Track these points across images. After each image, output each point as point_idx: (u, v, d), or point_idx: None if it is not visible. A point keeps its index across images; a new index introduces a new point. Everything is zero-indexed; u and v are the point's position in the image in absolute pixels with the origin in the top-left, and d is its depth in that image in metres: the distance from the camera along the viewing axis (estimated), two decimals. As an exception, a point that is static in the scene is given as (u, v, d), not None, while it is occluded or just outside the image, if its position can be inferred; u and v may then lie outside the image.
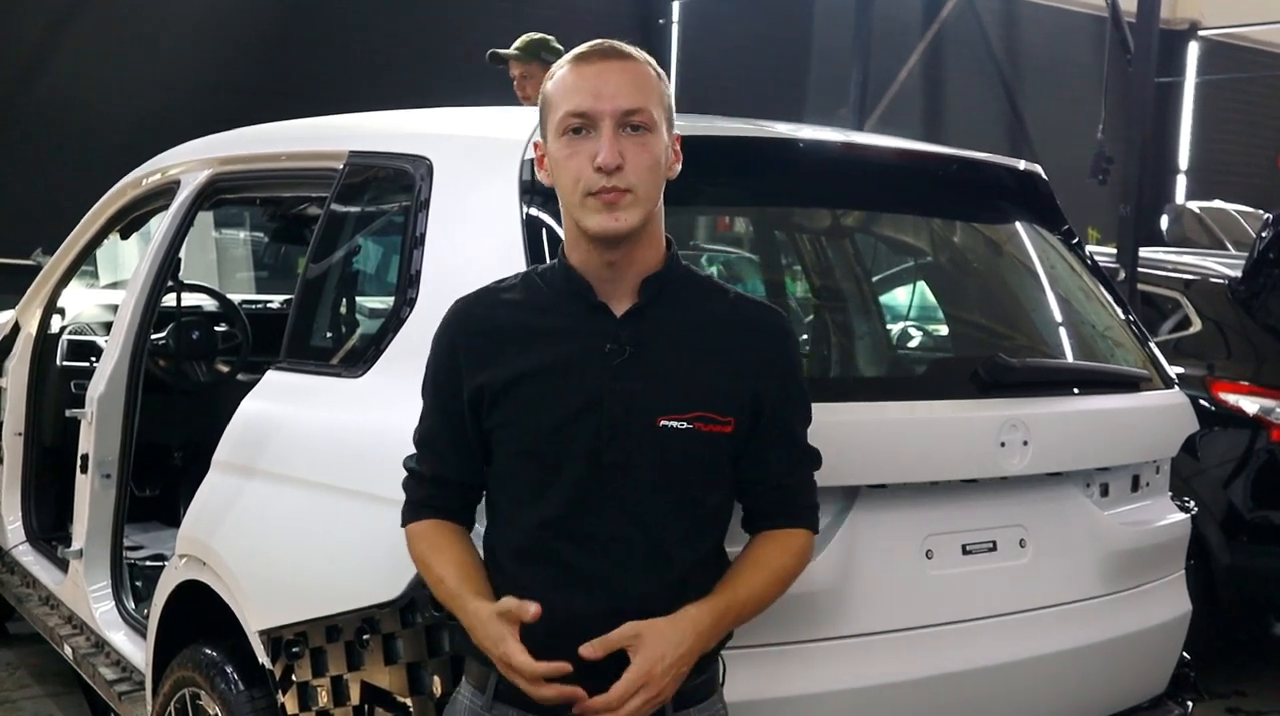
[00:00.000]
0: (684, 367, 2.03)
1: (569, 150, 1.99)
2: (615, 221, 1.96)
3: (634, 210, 1.97)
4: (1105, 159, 9.21)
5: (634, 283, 2.04)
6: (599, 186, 1.95)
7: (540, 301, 2.07)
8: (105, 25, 12.04)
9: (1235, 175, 18.95)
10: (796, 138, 2.99)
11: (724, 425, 2.02)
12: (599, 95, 1.97)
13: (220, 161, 3.71)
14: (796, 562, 2.13)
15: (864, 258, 3.53)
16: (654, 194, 2.01)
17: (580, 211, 1.98)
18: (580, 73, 2.00)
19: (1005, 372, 2.74)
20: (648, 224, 2.01)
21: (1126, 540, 2.95)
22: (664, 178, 2.03)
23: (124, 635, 3.79)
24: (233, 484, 3.01)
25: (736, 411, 2.04)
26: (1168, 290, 6.04)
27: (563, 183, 2.01)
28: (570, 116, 1.98)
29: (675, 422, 2.00)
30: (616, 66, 2.00)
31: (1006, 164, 3.21)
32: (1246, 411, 5.34)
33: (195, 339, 4.94)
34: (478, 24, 13.23)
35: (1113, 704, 3.00)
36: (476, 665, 2.09)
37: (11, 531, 4.73)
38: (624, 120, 1.97)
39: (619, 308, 2.04)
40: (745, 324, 2.11)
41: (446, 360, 2.10)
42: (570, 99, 1.99)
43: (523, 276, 2.14)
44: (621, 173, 1.95)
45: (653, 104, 2.00)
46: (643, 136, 1.98)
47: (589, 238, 2.00)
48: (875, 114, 15.56)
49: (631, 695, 1.92)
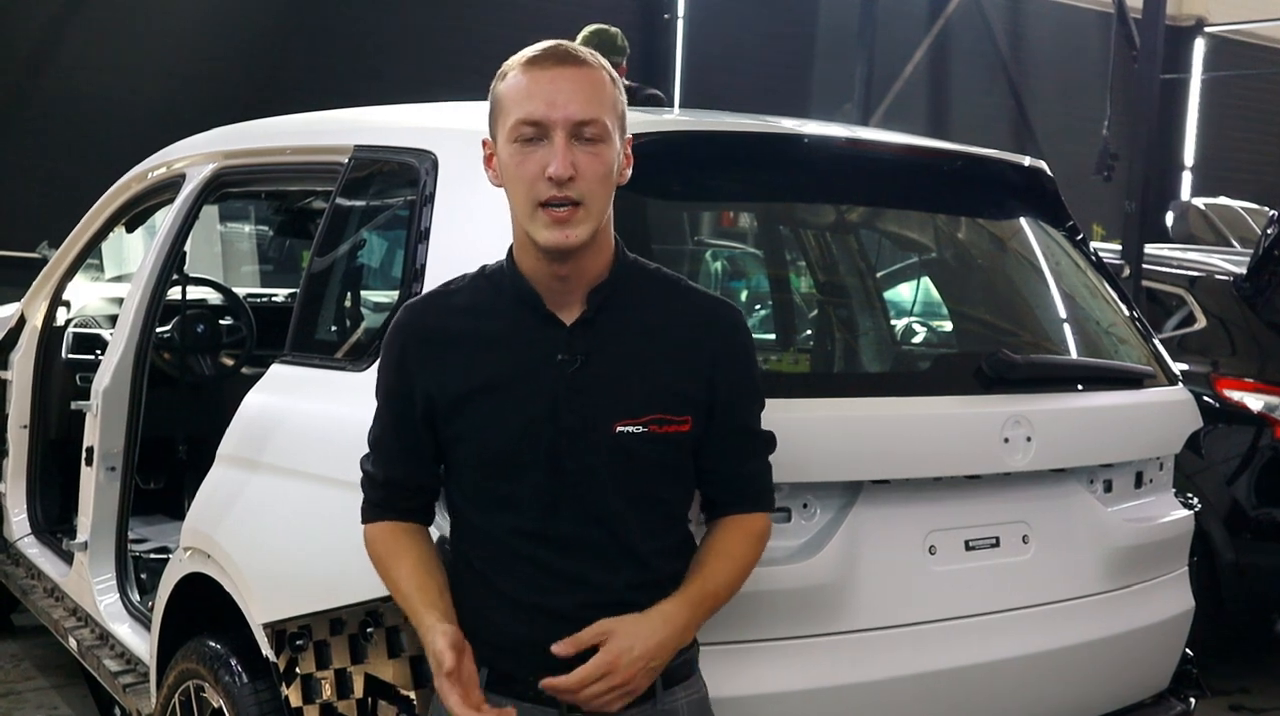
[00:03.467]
0: (637, 372, 2.04)
1: (520, 158, 1.97)
2: (565, 237, 1.96)
3: (584, 225, 1.97)
4: (1110, 155, 9.18)
5: (583, 291, 2.04)
6: (549, 195, 1.94)
7: (490, 307, 2.07)
8: (110, 19, 12.04)
9: (1241, 172, 18.92)
10: (801, 133, 2.99)
11: (681, 424, 2.04)
12: (552, 104, 1.95)
13: (225, 155, 3.72)
14: (759, 547, 2.18)
15: (868, 253, 3.53)
16: (604, 205, 2.00)
17: (530, 223, 1.98)
18: (534, 78, 1.98)
19: (1009, 369, 2.74)
20: (596, 234, 2.01)
21: (1129, 537, 2.95)
22: (614, 186, 2.03)
23: (128, 627, 3.79)
24: (237, 477, 3.01)
25: (692, 409, 2.05)
26: (1173, 287, 6.04)
27: (512, 190, 2.00)
28: (522, 124, 1.96)
29: (632, 427, 2.01)
30: (570, 74, 1.97)
31: (1011, 160, 3.21)
32: (1251, 408, 5.34)
33: (200, 332, 4.95)
34: (486, 19, 13.25)
35: (1115, 700, 3.00)
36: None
37: (17, 524, 4.74)
38: (577, 131, 1.95)
39: (568, 317, 2.04)
40: (696, 320, 2.10)
41: (396, 366, 2.11)
42: (523, 106, 1.96)
43: (471, 278, 2.13)
44: (573, 183, 1.94)
45: (606, 113, 1.98)
46: (595, 147, 1.97)
47: (540, 249, 2.00)
48: (880, 110, 15.55)
49: (592, 681, 1.96)
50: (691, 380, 2.06)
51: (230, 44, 12.37)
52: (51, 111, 11.75)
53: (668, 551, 2.09)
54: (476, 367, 2.04)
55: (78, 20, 11.99)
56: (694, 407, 2.06)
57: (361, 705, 2.51)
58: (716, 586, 2.09)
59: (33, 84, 11.85)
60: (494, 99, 2.04)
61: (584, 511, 2.03)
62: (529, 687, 2.04)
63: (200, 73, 12.07)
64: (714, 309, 2.14)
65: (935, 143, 3.18)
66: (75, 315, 5.14)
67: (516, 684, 2.05)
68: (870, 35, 13.99)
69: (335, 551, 2.63)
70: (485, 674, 2.06)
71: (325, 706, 2.59)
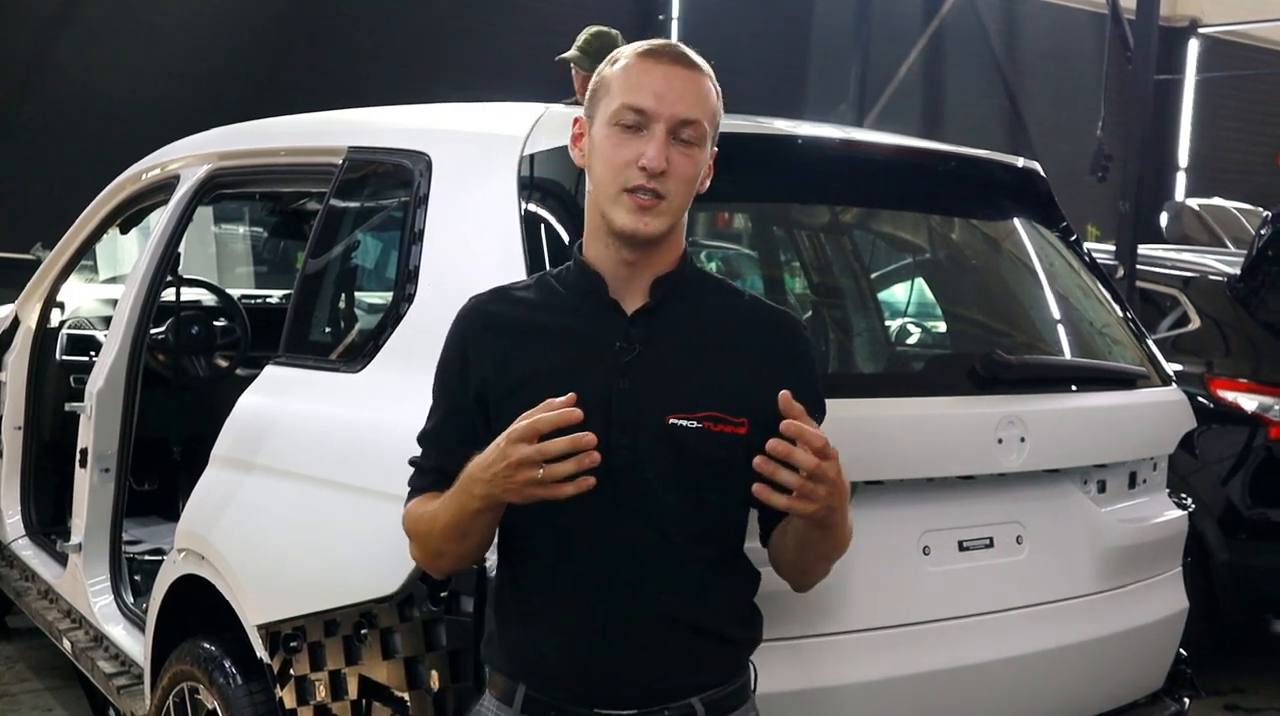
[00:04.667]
0: (695, 366, 2.01)
1: (616, 141, 1.97)
2: (644, 225, 1.96)
3: (663, 218, 1.97)
4: (1105, 156, 9.20)
5: (648, 282, 2.03)
6: (637, 184, 1.94)
7: (553, 301, 2.06)
8: (105, 21, 12.04)
9: (1235, 172, 18.96)
10: (795, 134, 2.99)
11: (737, 426, 1.99)
12: (660, 98, 1.96)
13: (220, 156, 3.72)
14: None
15: (862, 254, 3.53)
16: (683, 205, 2.01)
17: (612, 205, 1.97)
18: (647, 69, 1.99)
19: (1003, 369, 2.75)
20: (671, 230, 2.01)
21: (1123, 537, 2.96)
22: (696, 191, 2.04)
23: (123, 629, 3.79)
24: (231, 478, 3.01)
25: (749, 412, 2.00)
26: (1167, 287, 6.05)
27: (599, 171, 2.00)
28: (626, 109, 1.97)
29: (685, 421, 1.97)
30: (682, 74, 1.99)
31: (1005, 161, 3.22)
32: (1245, 408, 5.35)
33: (194, 333, 4.95)
34: (483, 20, 13.25)
35: (1109, 700, 3.01)
36: (502, 678, 2.06)
37: (10, 525, 4.74)
38: (677, 129, 1.96)
39: (631, 305, 2.03)
40: (759, 325, 2.09)
41: (456, 356, 2.08)
42: (630, 93, 1.97)
43: (538, 278, 2.13)
44: (663, 178, 1.95)
45: (706, 118, 2.00)
46: (690, 149, 1.98)
47: (612, 232, 1.99)
48: (875, 110, 15.58)
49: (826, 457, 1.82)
50: (750, 383, 2.01)
51: (228, 45, 12.38)
52: (47, 112, 11.76)
53: (715, 562, 2.02)
54: (533, 355, 2.01)
55: (72, 24, 11.99)
56: (751, 411, 1.99)
57: (356, 706, 2.51)
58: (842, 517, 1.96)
59: (28, 86, 11.84)
60: (600, 81, 2.04)
61: (631, 507, 1.97)
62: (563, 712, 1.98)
63: (197, 73, 12.07)
64: (778, 316, 2.12)
65: (929, 144, 3.18)
66: (69, 316, 5.14)
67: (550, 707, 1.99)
68: (865, 36, 14.02)
69: (329, 553, 2.63)
70: (522, 690, 2.01)
71: (319, 708, 2.59)
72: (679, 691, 1.99)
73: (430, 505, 2.01)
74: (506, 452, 1.83)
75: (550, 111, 2.68)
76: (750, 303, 2.12)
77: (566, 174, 2.52)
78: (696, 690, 2.00)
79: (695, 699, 2.00)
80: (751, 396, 2.00)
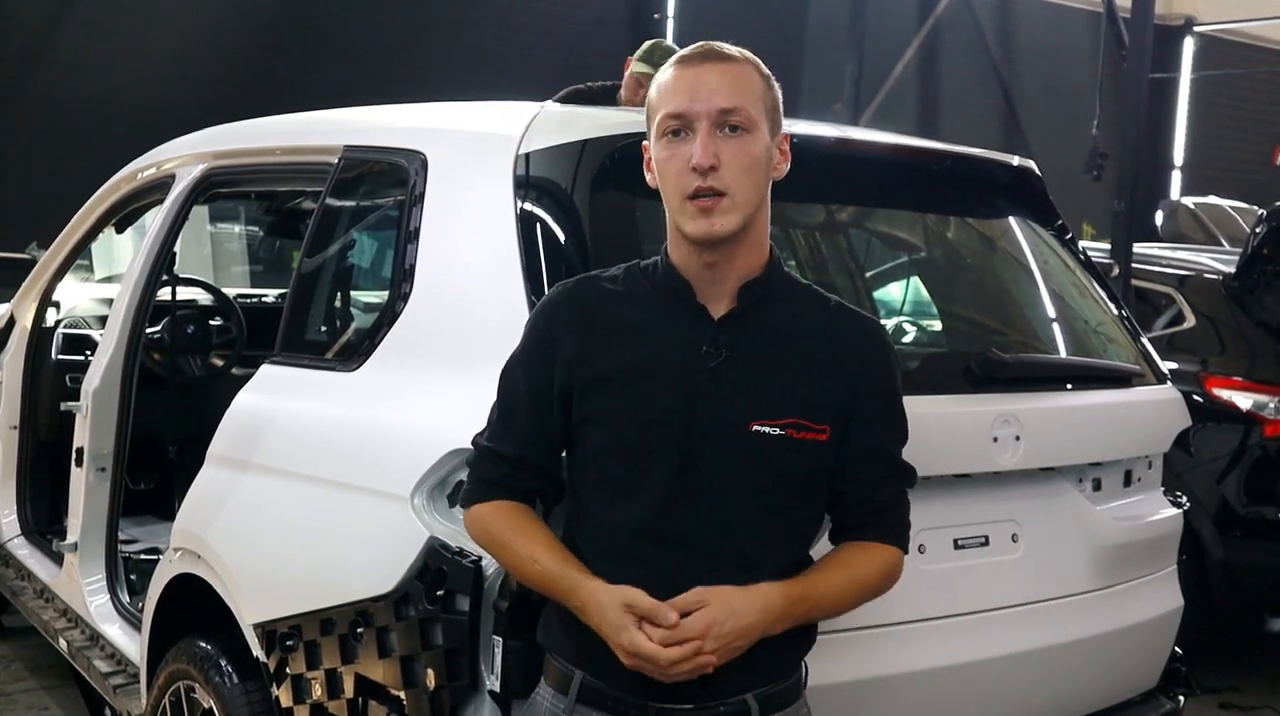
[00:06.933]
0: (779, 374, 2.01)
1: (668, 153, 1.98)
2: (712, 226, 1.95)
3: (731, 214, 1.95)
4: (1100, 155, 9.22)
5: (734, 286, 2.02)
6: (694, 187, 1.94)
7: (641, 296, 2.05)
8: (101, 19, 12.03)
9: (1230, 171, 18.97)
10: (790, 133, 2.98)
11: (819, 433, 1.99)
12: (695, 96, 1.96)
13: (215, 155, 3.72)
14: (881, 575, 2.10)
15: (857, 253, 3.53)
16: (752, 196, 1.98)
17: (680, 216, 1.98)
18: (679, 75, 2.00)
19: (998, 368, 2.75)
20: (749, 227, 1.99)
21: (1118, 535, 2.96)
22: (767, 179, 2.02)
23: (118, 628, 3.79)
24: (227, 477, 3.01)
25: (831, 420, 2.01)
26: (1162, 286, 6.06)
27: (665, 186, 2.01)
28: (668, 118, 1.98)
29: (768, 428, 1.97)
30: (714, 68, 1.99)
31: (1000, 160, 3.22)
32: (1240, 407, 5.36)
33: (190, 333, 4.95)
34: (479, 20, 13.24)
35: (1104, 698, 3.01)
36: (558, 665, 2.05)
37: (6, 525, 4.74)
38: (720, 120, 1.96)
39: (717, 310, 2.02)
40: (844, 333, 2.08)
41: (541, 335, 2.07)
42: (668, 101, 1.99)
43: (625, 269, 2.11)
44: (716, 173, 1.94)
45: (751, 103, 1.98)
46: (740, 137, 1.97)
47: (689, 240, 1.99)
48: (870, 109, 15.58)
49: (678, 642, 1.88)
50: (834, 391, 2.02)
51: (223, 44, 12.38)
52: (42, 111, 11.74)
53: (786, 571, 2.01)
54: (619, 349, 2.01)
55: (67, 22, 11.98)
56: (833, 419, 2.01)
57: (352, 705, 2.51)
58: (822, 594, 2.02)
59: (23, 85, 11.83)
60: (648, 104, 2.05)
61: (706, 512, 1.97)
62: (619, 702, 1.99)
63: (193, 72, 12.07)
64: (864, 325, 2.11)
65: (925, 142, 3.18)
66: (65, 316, 5.14)
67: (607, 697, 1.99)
68: (860, 35, 14.03)
69: (326, 552, 2.63)
70: (578, 678, 2.01)
71: (315, 706, 2.59)
72: (735, 687, 2.00)
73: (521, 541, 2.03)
74: (620, 631, 1.90)
75: (545, 111, 2.68)
76: (836, 309, 2.11)
77: (562, 173, 2.52)
78: (751, 686, 2.01)
79: (749, 695, 2.01)
80: (833, 405, 2.01)
